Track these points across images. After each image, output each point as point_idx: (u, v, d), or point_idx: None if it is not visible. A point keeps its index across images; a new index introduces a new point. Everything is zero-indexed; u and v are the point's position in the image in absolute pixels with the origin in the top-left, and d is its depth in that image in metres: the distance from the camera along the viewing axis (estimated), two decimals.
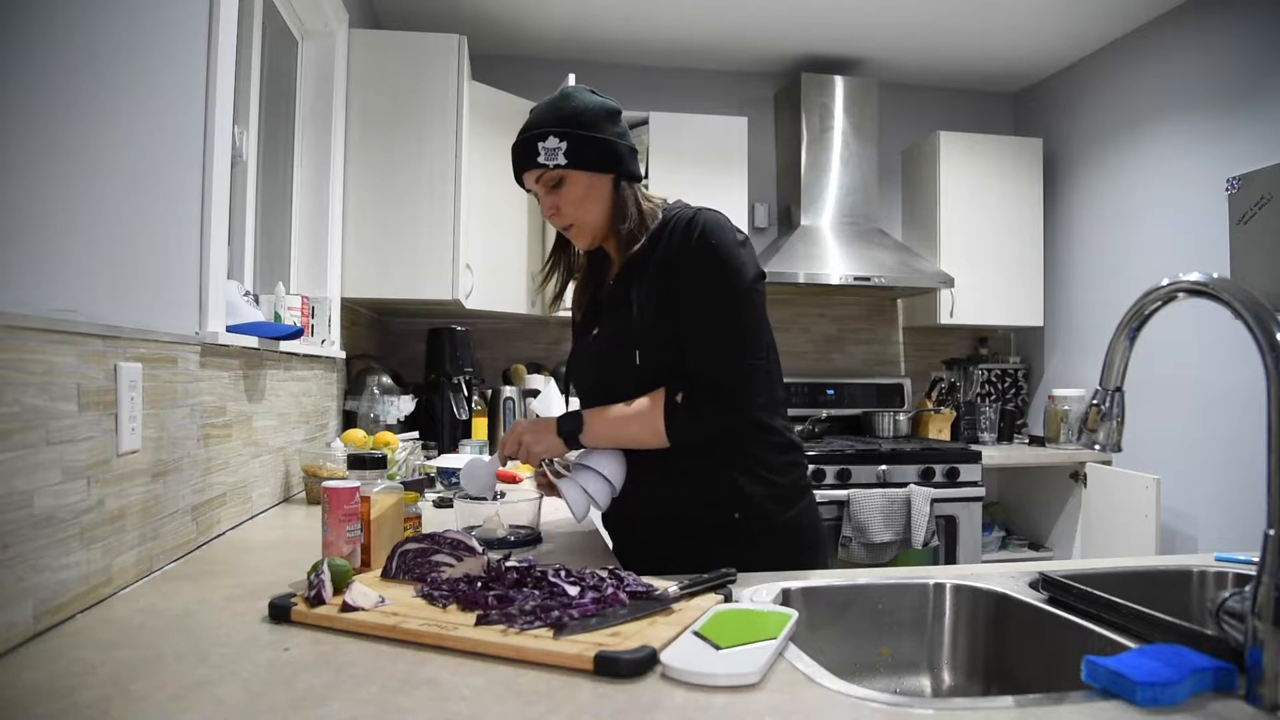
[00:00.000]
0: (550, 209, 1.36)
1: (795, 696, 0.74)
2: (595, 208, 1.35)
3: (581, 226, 1.37)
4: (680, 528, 1.34)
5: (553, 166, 1.32)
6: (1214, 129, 3.06)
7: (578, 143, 1.31)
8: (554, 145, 1.31)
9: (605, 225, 1.37)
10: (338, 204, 2.65)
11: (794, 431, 1.43)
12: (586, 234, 1.38)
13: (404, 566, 1.07)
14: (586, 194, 1.34)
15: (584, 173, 1.33)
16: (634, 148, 1.39)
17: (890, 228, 4.09)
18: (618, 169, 1.35)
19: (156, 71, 1.26)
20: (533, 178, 1.35)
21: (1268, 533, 0.72)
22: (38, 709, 0.71)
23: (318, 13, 2.50)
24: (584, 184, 1.33)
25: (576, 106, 1.33)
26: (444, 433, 2.90)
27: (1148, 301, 0.87)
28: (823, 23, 3.47)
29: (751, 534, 1.32)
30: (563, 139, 1.31)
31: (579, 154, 1.31)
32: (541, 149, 1.31)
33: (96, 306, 1.06)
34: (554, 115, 1.33)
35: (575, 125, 1.31)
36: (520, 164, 1.36)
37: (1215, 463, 3.01)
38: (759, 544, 1.31)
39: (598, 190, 1.34)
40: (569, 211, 1.35)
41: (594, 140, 1.32)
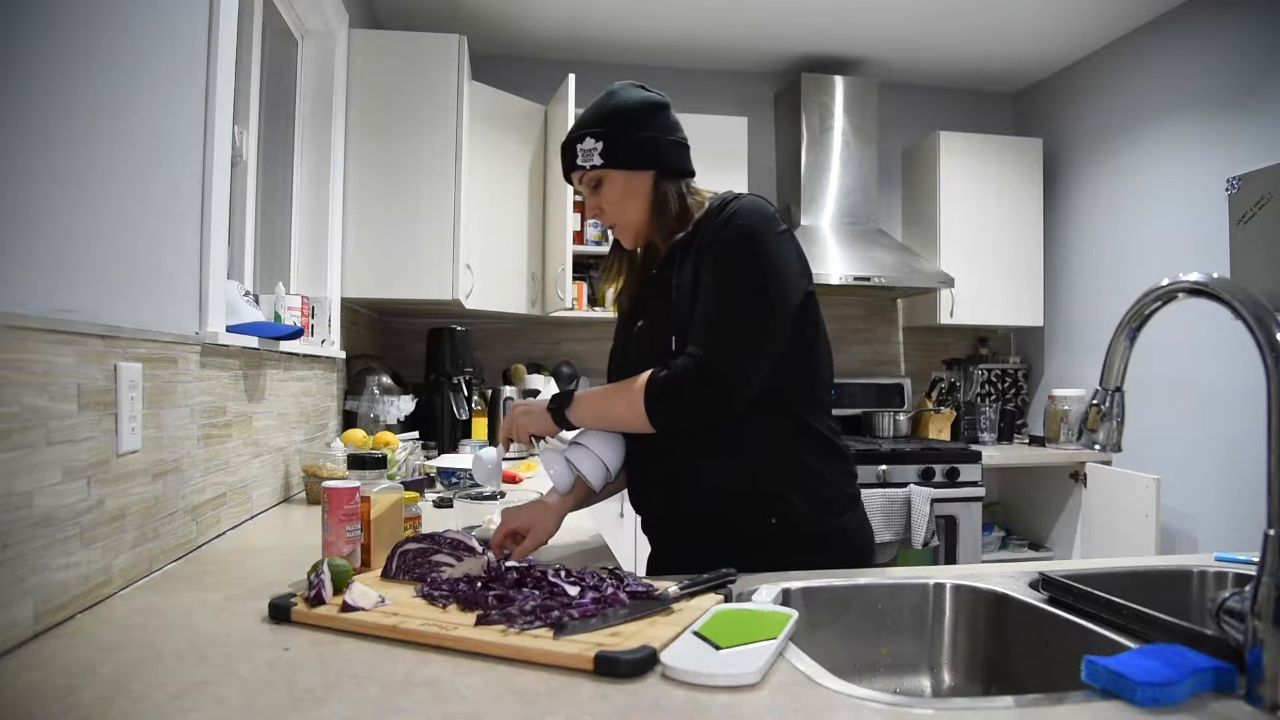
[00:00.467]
0: (594, 209, 1.36)
1: (795, 696, 0.74)
2: (634, 205, 1.33)
3: (623, 225, 1.35)
4: (718, 531, 1.27)
5: (589, 167, 1.31)
6: (1214, 129, 3.06)
7: (614, 142, 1.30)
8: (590, 146, 1.30)
9: (647, 223, 1.35)
10: (338, 204, 2.65)
11: (840, 436, 1.35)
12: (629, 232, 1.36)
13: (404, 566, 1.07)
14: (624, 193, 1.32)
15: (621, 171, 1.32)
16: (681, 142, 1.36)
17: (890, 228, 4.09)
18: (658, 165, 1.32)
19: (156, 71, 1.26)
20: (576, 179, 1.36)
21: (1268, 533, 0.72)
22: (38, 709, 0.71)
23: (318, 13, 2.50)
24: (621, 183, 1.32)
25: (616, 104, 1.32)
26: (444, 433, 2.90)
27: (1148, 301, 0.87)
28: (823, 23, 3.47)
29: (792, 541, 1.25)
30: (599, 139, 1.30)
31: (615, 153, 1.30)
32: (579, 150, 1.31)
33: (96, 306, 1.06)
34: (594, 115, 1.32)
35: (613, 124, 1.30)
36: (564, 166, 1.36)
37: (1215, 463, 3.01)
38: (801, 552, 1.23)
39: (636, 188, 1.32)
40: (610, 211, 1.34)
41: (631, 138, 1.30)
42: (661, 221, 1.33)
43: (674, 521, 1.36)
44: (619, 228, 1.37)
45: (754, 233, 1.23)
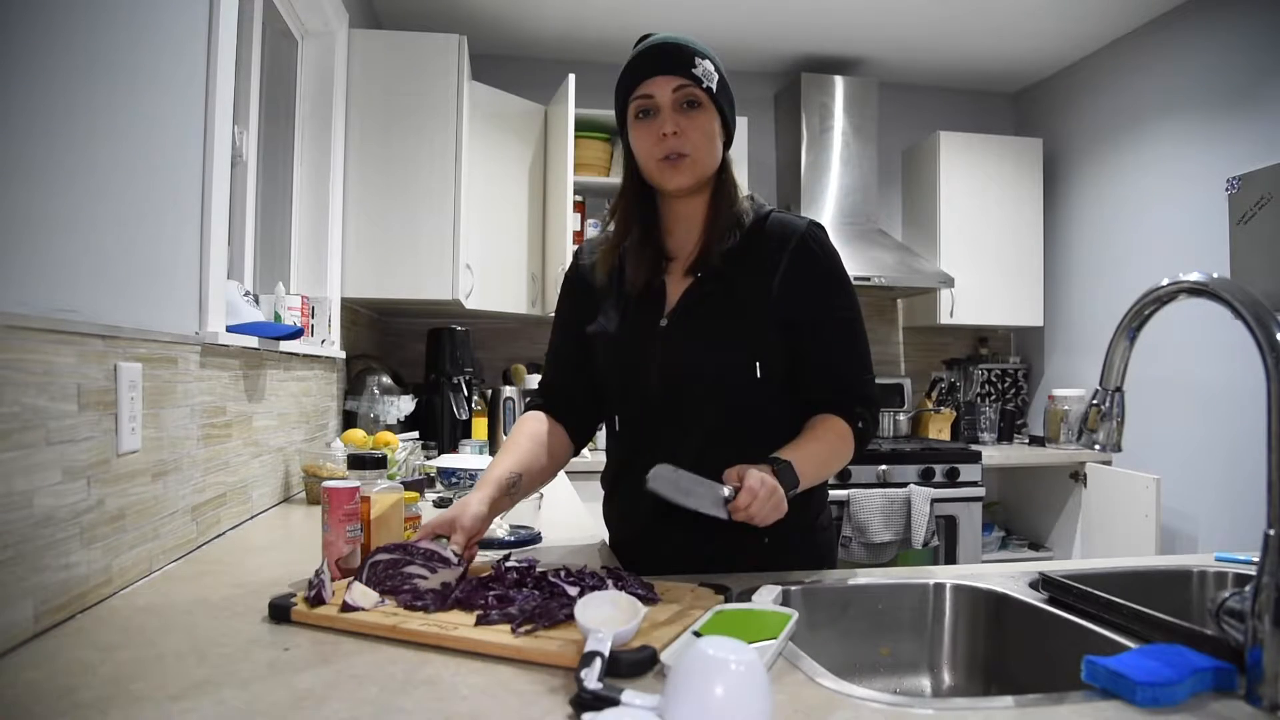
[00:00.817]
0: (675, 125, 1.20)
1: (795, 696, 0.74)
2: (714, 152, 1.25)
3: (696, 161, 1.22)
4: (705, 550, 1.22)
5: (704, 86, 1.20)
6: (1214, 129, 3.06)
7: (725, 84, 1.24)
8: (710, 70, 1.21)
9: (707, 178, 1.26)
10: (338, 204, 2.65)
11: None
12: (695, 172, 1.23)
13: (374, 578, 1.00)
14: (714, 136, 1.24)
15: (719, 116, 1.24)
16: None
17: (890, 228, 4.08)
18: (731, 136, 1.29)
19: (156, 71, 1.26)
20: (671, 85, 1.19)
21: (1268, 533, 0.72)
22: (38, 709, 0.71)
23: (318, 13, 2.50)
24: (715, 126, 1.24)
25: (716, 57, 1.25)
26: (444, 433, 2.90)
27: (1148, 301, 0.87)
28: (823, 23, 3.47)
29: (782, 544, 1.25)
30: (716, 70, 1.22)
31: (725, 95, 1.24)
32: (700, 64, 1.20)
33: (96, 306, 1.06)
34: (704, 47, 1.24)
35: (722, 69, 1.24)
36: (664, 65, 1.20)
37: (1215, 463, 3.01)
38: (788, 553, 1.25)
39: (718, 141, 1.26)
40: (695, 140, 1.21)
41: (730, 92, 1.27)
42: (721, 193, 1.27)
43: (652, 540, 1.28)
44: (690, 160, 1.21)
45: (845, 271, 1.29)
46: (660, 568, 1.17)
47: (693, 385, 1.23)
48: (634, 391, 1.29)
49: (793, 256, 1.23)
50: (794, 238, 1.24)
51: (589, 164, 3.52)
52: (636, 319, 1.29)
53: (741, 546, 1.22)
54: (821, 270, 1.25)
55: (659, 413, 1.26)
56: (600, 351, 1.33)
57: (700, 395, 1.23)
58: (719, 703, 0.61)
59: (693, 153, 1.20)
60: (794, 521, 1.21)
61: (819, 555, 1.29)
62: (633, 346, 1.28)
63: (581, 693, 0.69)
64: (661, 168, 1.22)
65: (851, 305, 1.28)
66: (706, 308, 1.24)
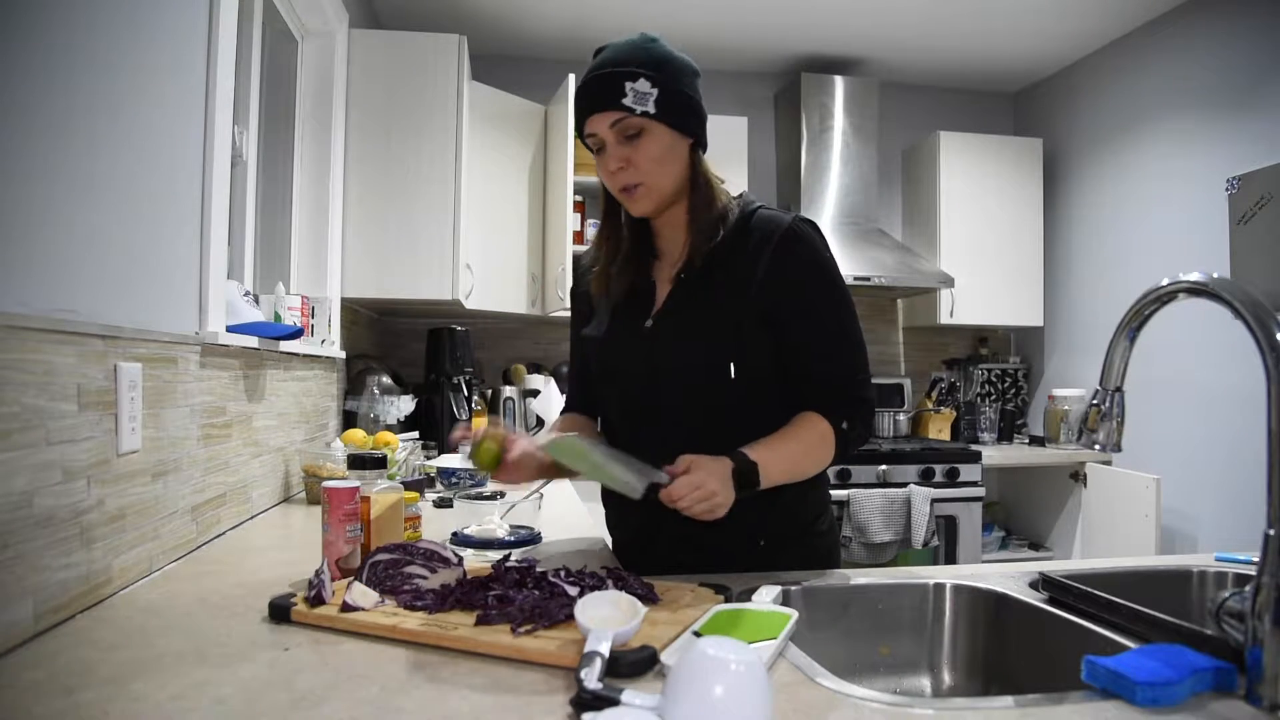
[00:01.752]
0: (620, 161, 1.17)
1: (795, 696, 0.74)
2: (672, 170, 1.19)
3: (651, 188, 1.19)
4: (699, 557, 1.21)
5: (639, 113, 1.14)
6: (1214, 129, 3.06)
7: (669, 93, 1.15)
8: (645, 90, 1.13)
9: (675, 193, 1.22)
10: (338, 204, 2.65)
11: None
12: (653, 199, 1.20)
13: (374, 579, 1.00)
14: (666, 153, 1.18)
15: (668, 129, 1.17)
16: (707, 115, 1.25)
17: (890, 228, 4.08)
18: (700, 133, 1.21)
19: (156, 71, 1.26)
20: (607, 121, 1.16)
21: (1268, 533, 0.72)
22: (38, 709, 0.71)
23: (318, 13, 2.50)
24: (666, 141, 1.17)
25: (669, 53, 1.18)
26: (444, 433, 2.90)
27: (1148, 301, 0.87)
28: (823, 23, 3.47)
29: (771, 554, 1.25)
30: (655, 85, 1.14)
31: (669, 106, 1.15)
32: (630, 90, 1.13)
33: (96, 306, 1.06)
34: (644, 56, 1.16)
35: (668, 74, 1.16)
36: (596, 102, 1.16)
37: (1215, 463, 3.00)
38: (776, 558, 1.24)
39: (677, 152, 1.19)
40: (644, 168, 1.17)
41: (684, 95, 1.17)
42: (698, 198, 1.22)
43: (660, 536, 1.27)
44: (644, 189, 1.19)
45: (834, 265, 1.23)
46: (658, 569, 1.17)
47: (674, 385, 1.23)
48: (621, 393, 1.31)
49: (775, 251, 1.19)
50: (777, 233, 1.20)
51: (589, 164, 3.52)
52: (624, 322, 1.29)
53: (736, 549, 1.23)
54: (804, 263, 1.21)
55: (644, 413, 1.27)
56: (591, 355, 1.34)
57: (681, 395, 1.23)
58: (719, 703, 0.62)
59: (644, 180, 1.18)
60: (789, 524, 1.25)
61: (818, 559, 1.27)
62: (619, 349, 1.29)
63: (581, 693, 0.69)
64: (623, 198, 1.22)
65: (838, 301, 1.23)
66: (689, 308, 1.23)
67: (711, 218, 1.23)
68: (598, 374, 1.34)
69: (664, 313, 1.25)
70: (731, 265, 1.21)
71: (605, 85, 1.15)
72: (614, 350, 1.30)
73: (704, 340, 1.21)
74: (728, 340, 1.20)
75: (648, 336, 1.25)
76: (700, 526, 1.11)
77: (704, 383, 1.21)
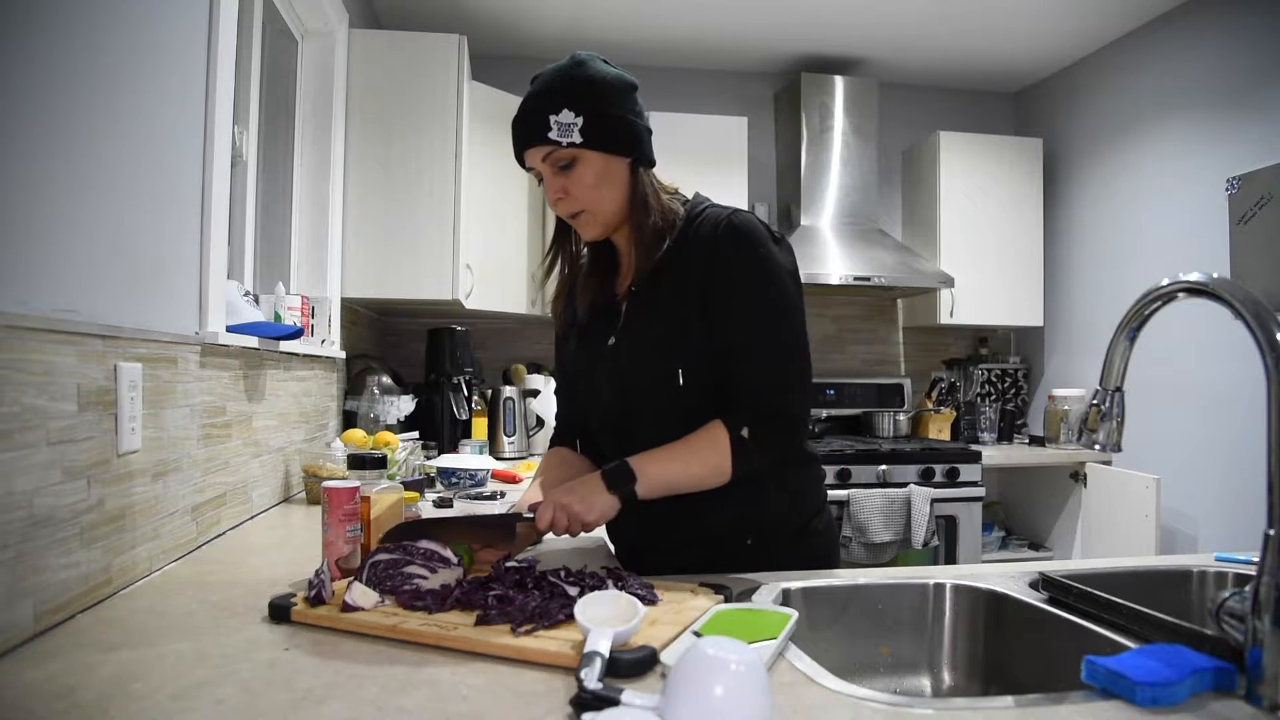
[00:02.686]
0: (558, 192, 1.20)
1: (795, 696, 0.74)
2: (611, 194, 1.21)
3: (594, 214, 1.22)
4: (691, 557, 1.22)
5: (565, 144, 1.16)
6: (1214, 129, 3.06)
7: (595, 119, 1.16)
8: (569, 120, 1.14)
9: (620, 214, 1.23)
10: (338, 204, 2.65)
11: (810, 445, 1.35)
12: (598, 223, 1.23)
13: (374, 579, 1.00)
14: (601, 178, 1.19)
15: (600, 154, 1.18)
16: (649, 128, 1.25)
17: (890, 228, 4.08)
18: (636, 152, 1.21)
19: (156, 71, 1.26)
20: (539, 155, 1.19)
21: (1268, 533, 0.72)
22: (38, 709, 0.71)
23: (318, 13, 2.50)
24: (599, 166, 1.18)
25: (593, 76, 1.17)
26: (444, 433, 2.90)
27: (1148, 301, 0.87)
28: (823, 23, 3.47)
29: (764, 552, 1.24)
30: (579, 113, 1.15)
31: (596, 132, 1.16)
32: (554, 123, 1.15)
33: (96, 306, 1.06)
34: (567, 85, 1.16)
35: (593, 99, 1.16)
36: (525, 138, 1.19)
37: (1215, 463, 3.01)
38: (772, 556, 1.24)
39: (614, 174, 1.20)
40: (581, 196, 1.20)
41: (613, 118, 1.17)
42: (641, 215, 1.22)
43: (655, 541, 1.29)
44: (588, 216, 1.22)
45: (773, 261, 1.18)
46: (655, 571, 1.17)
47: (640, 399, 1.25)
48: (597, 408, 1.33)
49: (709, 248, 1.18)
50: (714, 229, 1.19)
51: None
52: (590, 342, 1.32)
53: (723, 550, 1.24)
54: (737, 259, 1.17)
55: (620, 427, 1.29)
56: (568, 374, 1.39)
57: (648, 408, 1.24)
58: (719, 703, 0.61)
59: (585, 207, 1.21)
60: (782, 524, 1.25)
61: (817, 559, 1.26)
62: (588, 370, 1.32)
63: (581, 693, 0.69)
64: (572, 223, 1.25)
65: (771, 301, 1.17)
66: (641, 322, 1.25)
67: (657, 231, 1.23)
68: (575, 392, 1.38)
69: (621, 330, 1.27)
70: (676, 272, 1.21)
71: (531, 120, 1.17)
72: (583, 371, 1.33)
73: (655, 352, 1.21)
74: (674, 349, 1.19)
75: (609, 356, 1.27)
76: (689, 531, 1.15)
77: (663, 392, 1.21)
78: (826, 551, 1.31)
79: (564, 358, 1.40)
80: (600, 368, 1.28)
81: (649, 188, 1.24)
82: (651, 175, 1.26)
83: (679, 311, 1.19)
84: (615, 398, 1.27)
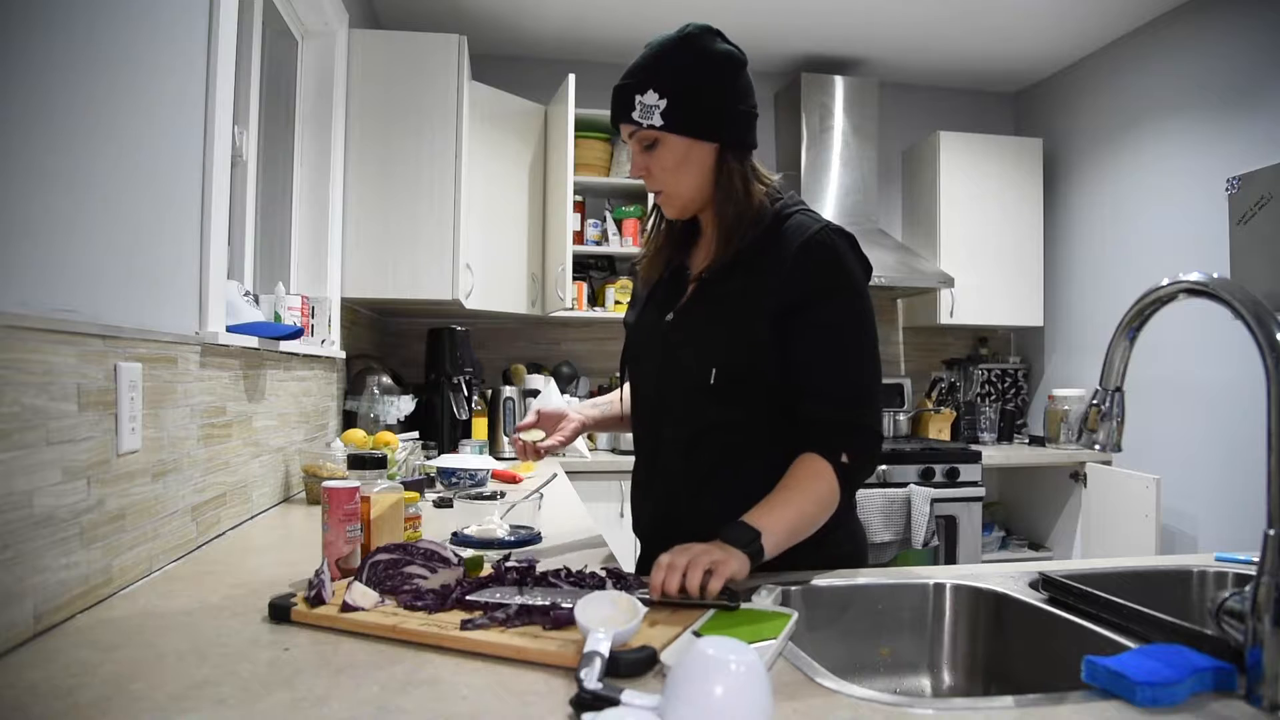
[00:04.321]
0: (641, 170, 1.21)
1: (795, 696, 0.74)
2: (691, 179, 1.19)
3: (672, 195, 1.21)
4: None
5: (646, 126, 1.15)
6: (1214, 129, 3.06)
7: (680, 102, 1.14)
8: (652, 102, 1.14)
9: (701, 199, 1.22)
10: (338, 204, 2.65)
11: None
12: (676, 204, 1.23)
13: (374, 578, 1.00)
14: (683, 162, 1.18)
15: (683, 138, 1.16)
16: (751, 112, 1.21)
17: (890, 228, 4.09)
18: (725, 137, 1.18)
19: (156, 71, 1.26)
20: (627, 132, 1.20)
21: (1268, 533, 0.72)
22: (38, 709, 0.71)
23: (318, 13, 2.50)
24: (681, 150, 1.17)
25: (690, 58, 1.15)
26: (444, 433, 2.90)
27: (1148, 301, 0.87)
28: (823, 23, 3.47)
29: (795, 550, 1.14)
30: (663, 96, 1.13)
31: (679, 116, 1.14)
32: (638, 103, 1.15)
33: (96, 306, 1.06)
34: (661, 64, 1.15)
35: (682, 79, 1.14)
36: (615, 115, 1.20)
37: (1215, 463, 3.00)
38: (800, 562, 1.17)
39: (696, 159, 1.18)
40: (660, 177, 1.19)
41: (700, 101, 1.15)
42: (723, 202, 1.20)
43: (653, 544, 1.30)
44: (666, 196, 1.22)
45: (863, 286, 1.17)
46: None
47: (675, 383, 1.23)
48: (639, 377, 1.33)
49: (794, 258, 1.14)
50: (800, 240, 1.15)
51: (589, 164, 3.53)
52: (653, 311, 1.30)
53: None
54: (822, 274, 1.14)
55: (656, 402, 1.28)
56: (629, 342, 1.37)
57: (680, 394, 1.23)
58: (719, 703, 0.61)
59: (664, 188, 1.22)
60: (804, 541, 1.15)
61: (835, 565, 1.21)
62: (642, 337, 1.31)
63: (581, 693, 0.69)
64: (657, 200, 1.27)
65: (855, 317, 1.15)
66: (701, 309, 1.23)
67: (739, 221, 1.20)
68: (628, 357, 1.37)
69: (682, 310, 1.25)
70: (752, 270, 1.18)
71: (618, 99, 1.18)
72: (638, 337, 1.33)
73: (702, 343, 1.20)
74: (720, 346, 1.17)
75: (664, 330, 1.26)
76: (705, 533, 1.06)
77: (693, 384, 1.20)
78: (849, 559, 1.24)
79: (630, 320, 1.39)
80: (653, 340, 1.28)
81: (737, 175, 1.20)
82: (748, 162, 1.23)
83: (743, 311, 1.17)
84: (657, 372, 1.27)
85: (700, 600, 0.94)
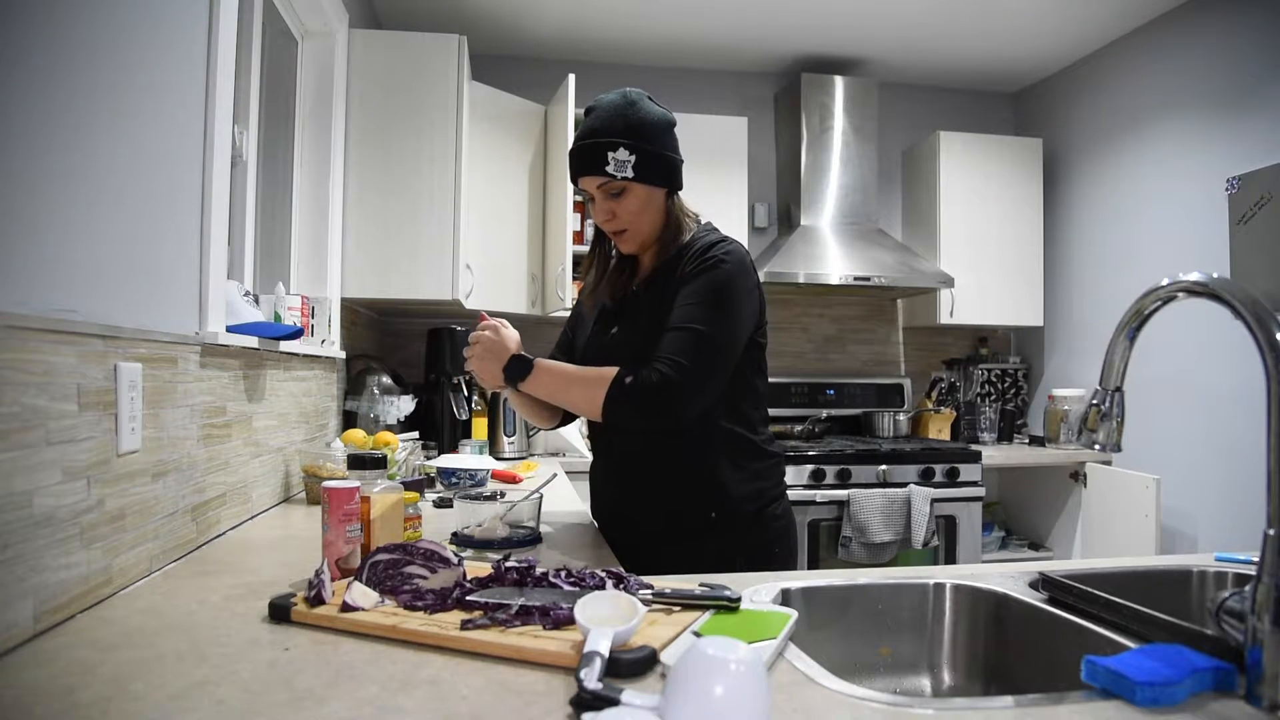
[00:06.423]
0: (606, 214, 1.41)
1: (795, 696, 0.74)
2: (650, 219, 1.42)
3: (634, 234, 1.43)
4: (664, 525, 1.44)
5: (619, 178, 1.37)
6: (1214, 129, 3.06)
7: (645, 156, 1.37)
8: (624, 158, 1.36)
9: (654, 235, 1.45)
10: (338, 204, 2.65)
11: (773, 443, 1.53)
12: (636, 241, 1.45)
13: (374, 578, 1.01)
14: (645, 206, 1.41)
15: (646, 186, 1.39)
16: (682, 160, 1.45)
17: (890, 228, 4.09)
18: (673, 183, 1.43)
19: (156, 71, 1.26)
20: (594, 183, 1.40)
21: (1268, 533, 0.72)
22: (38, 709, 0.71)
23: (318, 13, 2.50)
24: (644, 197, 1.40)
25: (644, 118, 1.38)
26: (444, 433, 2.90)
27: (1148, 301, 0.87)
28: (823, 23, 3.47)
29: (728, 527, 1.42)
30: (633, 152, 1.36)
31: (645, 168, 1.37)
32: (611, 159, 1.36)
33: (96, 306, 1.06)
34: (623, 124, 1.37)
35: (643, 138, 1.37)
36: (584, 168, 1.39)
37: (1215, 463, 3.01)
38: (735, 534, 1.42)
39: (655, 203, 1.42)
40: (625, 219, 1.41)
41: (658, 155, 1.39)
42: (667, 236, 1.44)
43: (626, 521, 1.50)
44: (629, 235, 1.43)
45: (730, 284, 1.34)
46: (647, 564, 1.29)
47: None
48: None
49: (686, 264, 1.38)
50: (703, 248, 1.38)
51: None
52: (601, 328, 1.52)
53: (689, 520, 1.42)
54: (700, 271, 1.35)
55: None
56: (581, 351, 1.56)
57: None
58: (719, 703, 0.61)
59: (628, 227, 1.43)
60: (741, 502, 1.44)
61: (771, 538, 1.46)
62: (593, 351, 1.49)
63: (581, 693, 0.69)
64: (613, 239, 1.47)
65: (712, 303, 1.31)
66: (634, 318, 1.44)
67: (676, 246, 1.44)
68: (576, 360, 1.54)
69: (623, 323, 1.47)
70: (668, 282, 1.40)
71: (591, 154, 1.38)
72: (590, 352, 1.51)
73: (642, 347, 1.34)
74: (647, 347, 1.33)
75: (610, 345, 1.46)
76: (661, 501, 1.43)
77: None
78: (783, 533, 1.50)
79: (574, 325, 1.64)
80: (603, 354, 1.44)
81: (677, 212, 1.46)
82: (680, 200, 1.47)
83: (660, 313, 1.36)
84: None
85: (700, 600, 0.96)
